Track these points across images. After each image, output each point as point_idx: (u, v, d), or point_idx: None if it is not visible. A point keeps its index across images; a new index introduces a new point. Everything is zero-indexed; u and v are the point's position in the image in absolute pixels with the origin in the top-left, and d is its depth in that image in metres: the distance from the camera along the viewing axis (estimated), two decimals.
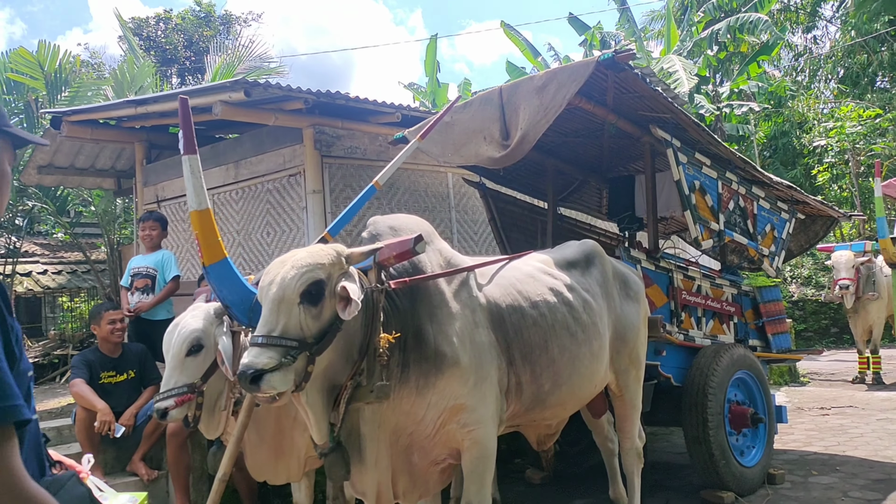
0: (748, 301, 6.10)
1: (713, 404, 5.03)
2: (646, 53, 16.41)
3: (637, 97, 4.84)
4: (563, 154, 6.12)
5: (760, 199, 5.85)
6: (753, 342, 6.06)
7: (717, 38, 14.94)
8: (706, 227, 5.18)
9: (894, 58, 19.44)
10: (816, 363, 12.61)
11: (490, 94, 4.96)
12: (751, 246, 5.66)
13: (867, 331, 10.03)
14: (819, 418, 7.77)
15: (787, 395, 9.14)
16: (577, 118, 5.40)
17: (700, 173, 5.23)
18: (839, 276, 9.73)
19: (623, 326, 4.12)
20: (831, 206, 6.67)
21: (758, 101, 18.59)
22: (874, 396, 8.58)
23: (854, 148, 16.54)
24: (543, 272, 3.85)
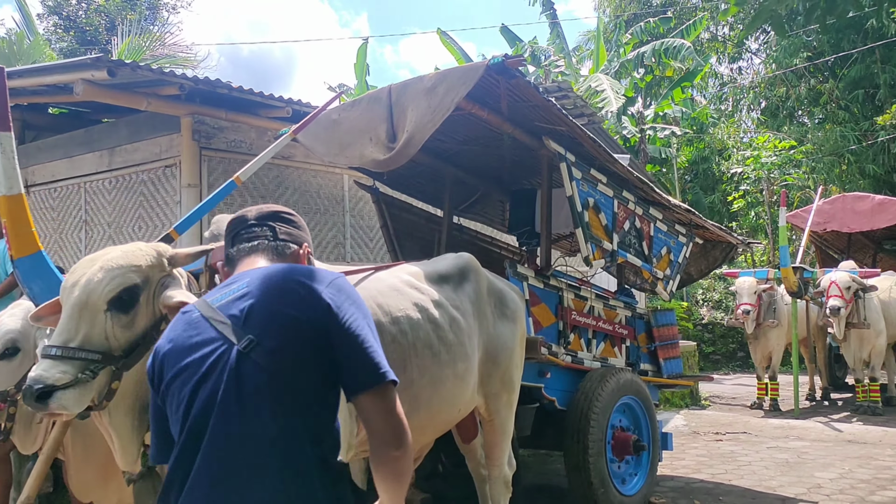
0: (642, 324, 5.98)
1: (595, 430, 4.85)
2: (574, 70, 16.50)
3: (531, 107, 4.64)
4: (462, 162, 5.88)
5: (658, 220, 5.74)
6: (645, 366, 5.93)
7: (644, 61, 15.11)
8: (598, 247, 5.01)
9: (811, 93, 20.12)
10: (719, 386, 12.77)
11: (379, 92, 4.69)
12: (645, 268, 5.53)
13: (766, 357, 10.15)
14: (712, 444, 7.75)
15: (685, 418, 9.14)
16: (476, 125, 5.17)
17: (595, 190, 5.07)
18: (741, 302, 9.81)
19: (495, 347, 3.87)
20: (730, 232, 6.64)
21: (681, 127, 18.97)
22: (768, 423, 8.65)
23: (769, 177, 16.99)
24: (410, 285, 3.57)
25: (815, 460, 6.80)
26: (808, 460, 6.81)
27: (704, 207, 19.44)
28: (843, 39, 19.76)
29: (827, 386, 11.06)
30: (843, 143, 19.37)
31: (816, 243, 12.36)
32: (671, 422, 8.96)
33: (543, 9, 16.78)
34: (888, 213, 10.63)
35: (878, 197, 11.20)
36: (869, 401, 9.41)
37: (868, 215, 10.80)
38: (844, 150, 19.14)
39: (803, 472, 6.33)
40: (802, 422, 8.67)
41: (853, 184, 19.77)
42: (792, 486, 5.93)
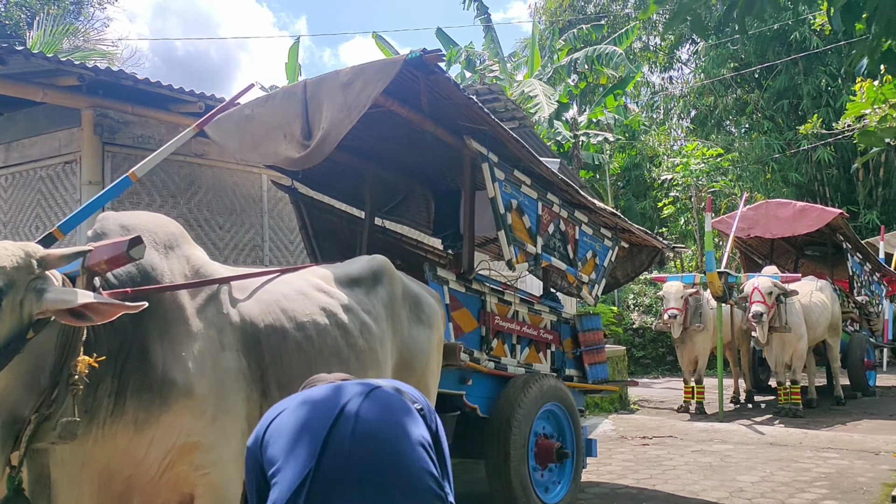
0: (568, 329, 5.91)
1: (517, 438, 4.73)
2: (509, 75, 16.53)
3: (452, 104, 4.49)
4: (385, 162, 5.70)
5: (583, 224, 5.68)
6: (570, 372, 5.86)
7: (577, 68, 15.23)
8: (522, 250, 4.90)
9: (738, 103, 20.70)
10: (649, 390, 12.91)
11: (294, 87, 4.47)
12: (570, 272, 5.45)
13: (693, 361, 10.29)
14: (639, 448, 7.75)
15: (614, 423, 9.16)
16: (398, 123, 4.99)
17: (519, 192, 4.96)
18: (668, 306, 9.92)
19: (410, 354, 3.70)
20: (655, 236, 6.64)
21: (614, 133, 19.23)
22: (693, 427, 8.73)
23: (697, 184, 17.36)
24: (318, 289, 3.37)
25: (737, 463, 6.85)
26: (731, 463, 6.86)
27: (636, 213, 19.76)
28: (768, 51, 20.42)
29: (751, 389, 11.29)
30: (768, 151, 20.00)
31: (741, 249, 12.63)
32: (600, 426, 8.96)
33: (478, 13, 16.81)
34: (808, 220, 10.91)
35: (800, 204, 11.50)
36: (790, 403, 9.62)
37: (789, 221, 11.07)
38: (769, 158, 19.76)
39: (726, 476, 6.36)
40: (726, 425, 8.79)
41: (777, 191, 20.42)
42: (714, 490, 5.94)
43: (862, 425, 8.77)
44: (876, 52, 2.77)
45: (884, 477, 6.21)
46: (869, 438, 7.70)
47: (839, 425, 8.78)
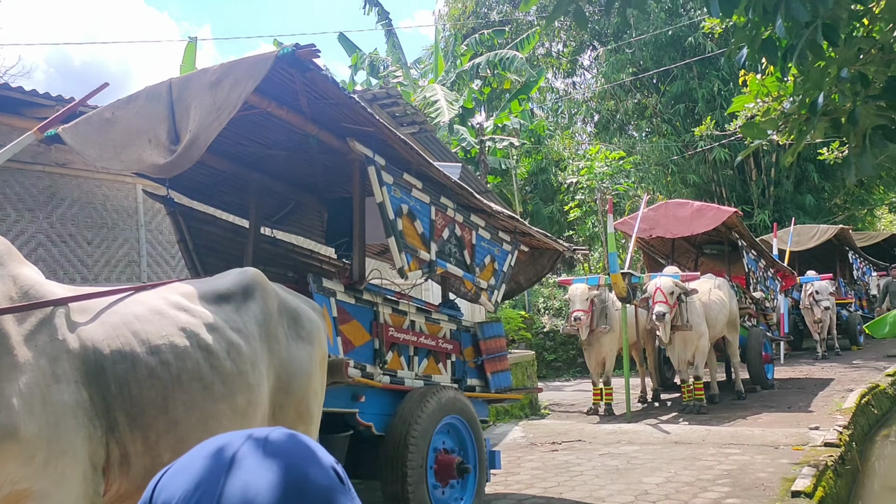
0: (468, 337, 5.72)
1: (415, 456, 4.48)
2: (412, 81, 16.36)
3: (334, 106, 4.22)
4: (270, 169, 5.36)
5: (480, 228, 5.50)
6: (472, 381, 5.67)
7: (479, 72, 15.21)
8: (414, 257, 4.67)
9: (637, 107, 21.24)
10: (560, 394, 12.93)
11: (159, 87, 4.08)
12: (467, 278, 5.26)
13: (600, 363, 10.33)
14: (548, 455, 7.64)
15: (524, 429, 9.04)
16: (280, 127, 4.68)
17: (409, 197, 4.72)
18: (574, 308, 9.92)
19: (289, 374, 3.39)
20: (556, 239, 6.56)
21: (520, 138, 19.36)
22: (601, 429, 8.72)
23: (601, 187, 17.66)
24: (178, 307, 3.03)
25: (643, 465, 6.83)
26: (637, 465, 6.83)
27: (544, 217, 19.95)
28: (664, 56, 21.07)
29: (657, 387, 11.44)
30: (667, 153, 20.61)
31: (644, 249, 12.84)
32: (510, 434, 8.83)
33: (379, 18, 16.57)
34: (705, 219, 11.18)
35: (697, 203, 11.78)
36: (694, 399, 9.78)
37: (688, 221, 11.31)
38: (668, 160, 20.35)
39: (632, 479, 6.31)
40: (633, 425, 8.82)
41: (678, 192, 21.08)
42: (621, 494, 5.86)
43: (762, 419, 8.98)
44: (755, 42, 2.70)
45: (784, 471, 6.30)
46: (769, 432, 7.85)
47: (740, 420, 8.96)
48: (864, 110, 2.75)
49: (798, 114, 3.05)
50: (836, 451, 6.94)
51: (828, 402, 9.78)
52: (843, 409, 8.94)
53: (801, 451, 7.03)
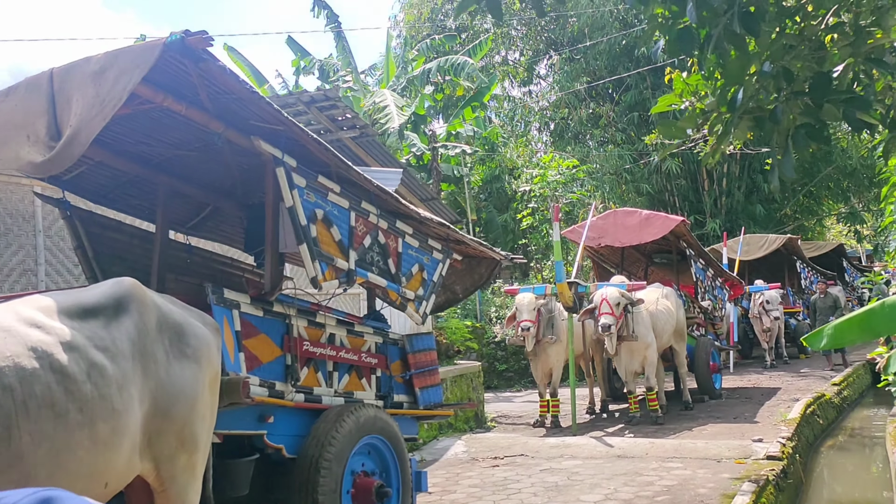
0: (396, 351, 5.41)
1: (327, 480, 4.15)
2: (363, 86, 16.03)
3: (237, 101, 3.88)
4: (179, 171, 4.99)
5: (407, 235, 5.20)
6: (400, 398, 5.36)
7: (430, 78, 14.97)
8: (330, 265, 4.35)
9: (591, 115, 21.23)
10: (508, 405, 12.70)
11: (39, 78, 3.70)
12: (391, 288, 4.95)
13: (547, 374, 10.10)
14: (488, 471, 7.37)
15: (466, 444, 8.75)
16: (184, 126, 4.33)
17: (325, 201, 4.41)
18: (521, 318, 9.68)
19: (169, 397, 3.05)
20: (491, 247, 6.29)
21: (475, 146, 19.16)
22: (545, 443, 8.48)
23: (554, 195, 17.54)
24: (31, 323, 2.67)
25: (583, 481, 6.59)
26: (577, 482, 6.59)
27: (498, 226, 19.77)
28: (619, 66, 21.10)
29: (605, 398, 11.27)
30: (621, 163, 20.61)
31: (593, 258, 12.70)
32: (451, 448, 8.53)
33: (328, 21, 16.22)
34: (654, 227, 11.07)
35: (646, 212, 11.67)
36: (649, 409, 9.62)
37: (636, 230, 11.19)
38: (622, 169, 20.34)
39: (570, 497, 6.06)
40: (578, 439, 8.59)
41: (631, 202, 21.08)
42: None
43: (707, 430, 8.84)
44: (671, 32, 2.48)
45: (724, 487, 6.12)
46: (712, 445, 7.69)
47: (686, 431, 8.81)
48: (787, 108, 2.55)
49: (717, 111, 2.84)
50: (779, 465, 6.80)
51: (773, 413, 9.70)
52: (787, 420, 8.85)
53: (743, 464, 6.88)
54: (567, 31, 22.34)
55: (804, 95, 2.60)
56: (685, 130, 3.09)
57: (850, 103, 2.53)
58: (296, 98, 8.50)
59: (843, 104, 2.51)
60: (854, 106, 2.53)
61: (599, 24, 20.18)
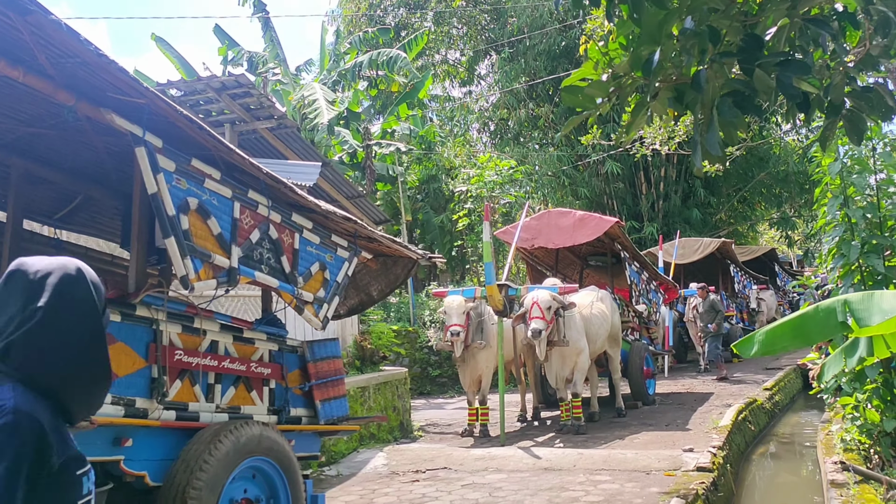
0: (294, 359, 4.85)
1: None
2: (293, 79, 15.35)
3: (83, 66, 3.28)
4: (37, 153, 4.35)
5: (305, 230, 4.65)
6: (298, 412, 4.81)
7: (361, 72, 14.39)
8: (206, 263, 3.78)
9: (530, 116, 20.97)
10: (439, 412, 12.23)
11: None
12: (284, 289, 4.39)
13: (476, 381, 9.65)
14: (407, 486, 6.86)
15: (388, 456, 8.22)
16: (32, 97, 3.72)
17: (201, 188, 3.83)
18: (450, 323, 9.20)
19: None
20: (407, 246, 5.79)
21: (412, 145, 18.65)
22: (470, 455, 8.01)
23: (491, 196, 17.16)
24: None
25: (505, 498, 6.14)
26: (499, 499, 6.13)
27: (434, 227, 19.30)
28: (558, 67, 20.89)
29: (538, 405, 10.90)
30: (560, 165, 20.40)
31: (527, 260, 12.34)
32: (371, 462, 7.99)
33: (255, 10, 15.46)
34: (587, 229, 10.74)
35: (579, 213, 11.33)
36: (573, 418, 9.24)
37: (570, 231, 10.84)
38: (560, 171, 20.12)
39: None
40: (504, 450, 8.15)
41: (569, 204, 20.89)
42: None
43: (639, 439, 8.51)
44: None
45: (652, 502, 5.75)
46: (642, 455, 7.35)
47: (617, 440, 8.46)
48: (712, 73, 2.14)
49: (630, 75, 2.41)
50: (709, 477, 6.48)
51: (705, 419, 9.46)
52: (719, 428, 8.60)
53: (673, 476, 6.53)
54: (507, 30, 22.05)
55: (731, 57, 2.19)
56: (594, 99, 2.65)
57: (785, 67, 2.13)
58: (205, 84, 7.85)
59: (776, 68, 2.11)
60: (790, 70, 2.14)
61: (539, 23, 19.93)
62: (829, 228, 7.48)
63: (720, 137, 2.25)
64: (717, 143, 2.22)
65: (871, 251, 7.05)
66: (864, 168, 7.27)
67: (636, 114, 2.53)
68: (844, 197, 7.26)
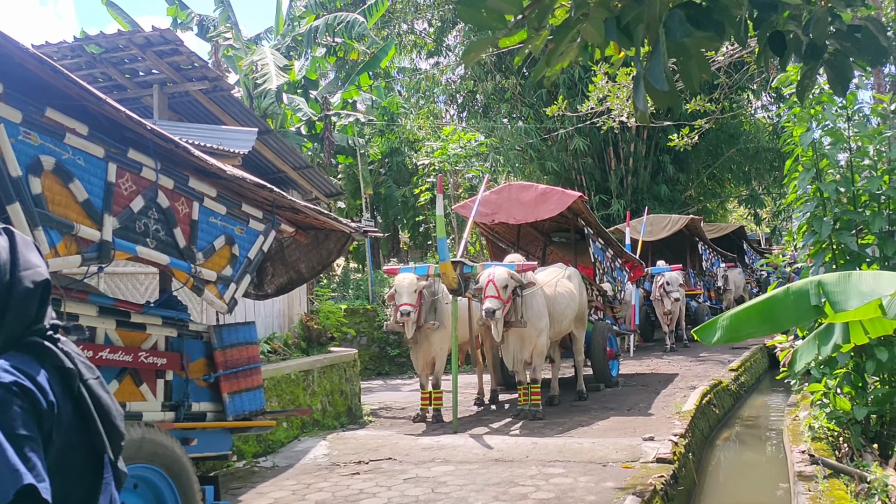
0: (199, 347, 4.25)
1: None
2: (244, 44, 14.52)
3: None
4: None
5: (207, 198, 4.03)
6: (201, 406, 4.21)
7: (317, 37, 13.62)
8: (67, 235, 3.15)
9: (497, 88, 20.32)
10: (395, 394, 11.72)
11: None
12: (178, 267, 3.78)
13: (429, 363, 9.11)
14: (345, 480, 6.32)
15: (330, 445, 7.68)
16: None
17: (60, 145, 3.19)
18: (401, 302, 8.61)
19: None
20: (338, 218, 5.19)
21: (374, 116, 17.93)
22: (418, 444, 7.49)
23: (455, 169, 16.55)
24: None
25: (449, 494, 5.63)
26: (441, 495, 5.62)
27: (396, 201, 18.67)
28: None
29: (496, 388, 10.40)
30: (527, 138, 19.83)
31: (487, 236, 11.79)
32: (312, 451, 7.45)
33: None
34: (550, 203, 10.19)
35: (542, 186, 10.77)
36: (530, 404, 8.75)
37: (532, 206, 10.29)
38: (527, 145, 19.55)
39: None
40: (454, 439, 7.64)
41: (536, 179, 20.34)
42: None
43: (598, 425, 8.05)
44: None
45: (606, 499, 5.27)
46: (599, 445, 6.89)
47: (576, 427, 7.98)
48: None
49: None
50: (669, 469, 6.02)
51: (668, 403, 9.03)
52: (682, 413, 8.17)
53: (630, 468, 6.07)
54: None
55: None
56: (502, 16, 2.06)
57: None
58: (127, 39, 7.09)
59: None
60: None
61: None
62: (800, 204, 7.01)
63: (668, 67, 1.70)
64: (662, 73, 1.67)
65: (844, 228, 6.61)
66: (839, 139, 6.80)
67: (560, 37, 1.95)
68: (816, 170, 6.79)
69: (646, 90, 1.75)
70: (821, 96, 6.70)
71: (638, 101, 1.83)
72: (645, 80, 1.72)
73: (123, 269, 6.17)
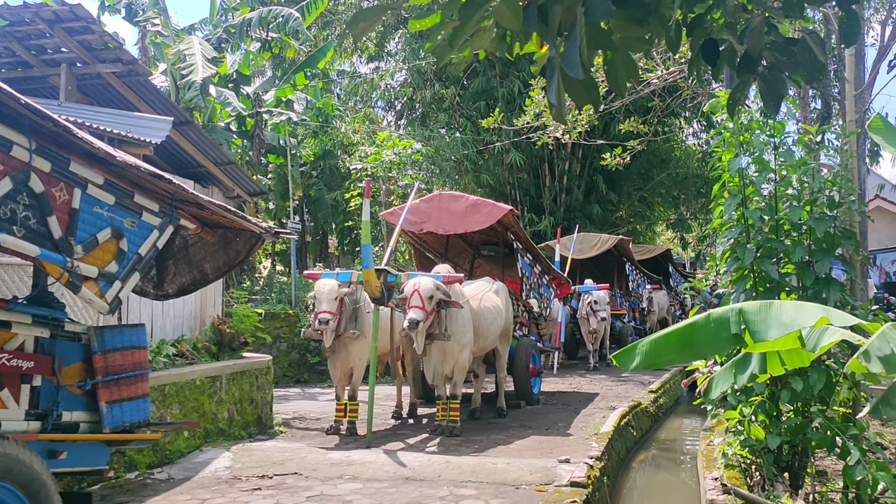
0: (76, 349, 3.84)
1: None
2: (173, 31, 13.91)
3: None
4: None
5: (92, 185, 3.64)
6: (75, 416, 3.80)
7: (249, 29, 13.14)
8: None
9: (436, 97, 20.16)
10: (311, 404, 11.29)
11: None
12: (49, 259, 3.37)
13: (347, 374, 8.75)
14: (244, 497, 5.92)
15: (234, 456, 7.25)
16: None
17: None
18: (320, 309, 8.26)
19: None
20: (247, 217, 4.84)
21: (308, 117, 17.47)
22: (326, 459, 7.13)
23: (388, 176, 16.26)
24: None
25: None
26: None
27: (327, 204, 18.23)
28: None
29: (416, 401, 10.13)
30: (464, 150, 19.71)
31: (415, 245, 11.52)
32: (213, 463, 7.00)
33: None
34: (480, 215, 10.01)
35: (472, 198, 10.57)
36: (449, 421, 8.50)
37: (462, 217, 10.08)
38: (463, 156, 19.42)
39: None
40: (366, 454, 7.32)
41: (471, 191, 20.24)
42: None
43: (515, 444, 7.86)
44: None
45: None
46: (514, 466, 6.68)
47: (492, 446, 7.77)
48: None
49: None
50: (582, 494, 5.86)
51: (587, 423, 8.94)
52: (599, 434, 8.07)
53: (543, 492, 5.89)
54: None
55: None
56: None
57: None
58: (33, 13, 6.55)
59: None
60: None
61: None
62: (725, 229, 7.00)
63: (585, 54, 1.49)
64: (577, 59, 1.45)
65: (766, 256, 6.61)
66: (765, 167, 6.82)
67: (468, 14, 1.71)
68: (743, 196, 6.79)
69: (561, 81, 1.53)
70: (750, 123, 6.71)
71: (551, 93, 1.60)
72: (560, 69, 1.49)
73: None
